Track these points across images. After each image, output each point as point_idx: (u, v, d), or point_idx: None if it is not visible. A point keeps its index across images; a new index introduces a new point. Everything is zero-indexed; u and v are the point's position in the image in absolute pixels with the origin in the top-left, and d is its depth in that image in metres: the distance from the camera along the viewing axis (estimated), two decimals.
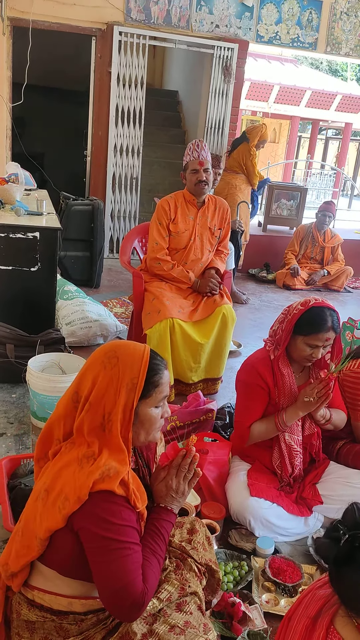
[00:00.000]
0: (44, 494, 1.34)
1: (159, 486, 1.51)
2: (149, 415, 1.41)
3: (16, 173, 4.27)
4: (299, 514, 2.25)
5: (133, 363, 1.37)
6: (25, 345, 3.21)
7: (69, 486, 1.29)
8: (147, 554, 1.37)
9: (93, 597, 1.37)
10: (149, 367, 1.38)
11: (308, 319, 2.17)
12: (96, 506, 1.27)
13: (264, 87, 13.44)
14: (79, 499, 1.26)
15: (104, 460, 1.31)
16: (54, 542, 1.32)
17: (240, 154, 5.88)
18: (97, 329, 3.87)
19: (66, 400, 1.41)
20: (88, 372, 1.39)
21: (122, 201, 6.49)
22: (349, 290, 6.49)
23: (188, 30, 6.13)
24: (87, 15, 5.79)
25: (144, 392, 1.37)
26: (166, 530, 1.45)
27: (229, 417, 2.91)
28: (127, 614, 1.29)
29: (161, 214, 3.33)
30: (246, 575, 2.00)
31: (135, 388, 1.35)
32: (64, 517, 1.28)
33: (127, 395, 1.35)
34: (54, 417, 1.42)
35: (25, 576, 1.39)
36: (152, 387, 1.39)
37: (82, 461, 1.32)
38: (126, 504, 1.32)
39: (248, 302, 5.59)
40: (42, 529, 1.31)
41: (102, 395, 1.35)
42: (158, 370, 1.41)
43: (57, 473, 1.34)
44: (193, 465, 1.51)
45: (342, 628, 1.06)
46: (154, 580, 1.34)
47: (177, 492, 1.49)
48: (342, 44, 6.70)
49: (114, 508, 1.29)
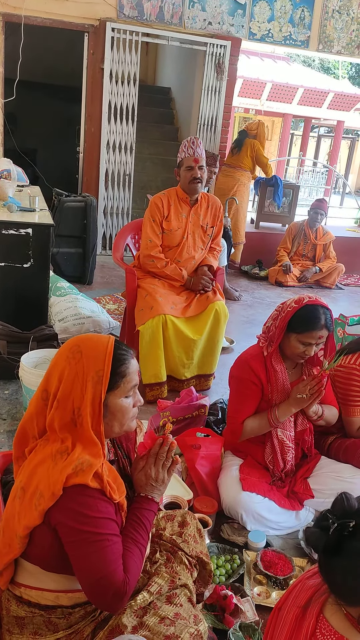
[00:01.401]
0: (20, 492, 1.34)
1: (139, 475, 1.52)
2: (120, 405, 1.40)
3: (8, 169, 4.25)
4: (291, 508, 2.27)
5: (97, 356, 1.36)
6: (18, 342, 3.21)
7: (44, 482, 1.29)
8: (129, 544, 1.37)
9: (79, 590, 1.38)
10: (114, 357, 1.37)
11: (302, 317, 2.18)
12: (71, 500, 1.28)
13: (257, 84, 13.44)
14: (53, 494, 1.27)
15: (77, 455, 1.31)
16: (34, 538, 1.33)
17: (250, 148, 6.07)
18: (90, 326, 3.87)
19: (37, 398, 1.40)
20: (54, 369, 1.38)
21: (115, 198, 6.48)
22: (340, 287, 6.52)
23: (181, 27, 6.12)
24: (79, 11, 5.77)
25: (111, 383, 1.36)
26: (147, 519, 1.46)
27: (221, 413, 2.92)
28: (110, 604, 1.30)
29: (154, 210, 3.33)
30: (238, 569, 2.02)
31: (101, 381, 1.35)
32: (40, 513, 1.28)
33: (93, 389, 1.34)
34: (26, 416, 1.42)
35: (10, 574, 1.39)
36: (119, 378, 1.38)
37: (56, 457, 1.32)
38: (102, 496, 1.33)
39: (240, 299, 5.60)
40: (20, 527, 1.32)
41: (70, 391, 1.34)
42: (124, 360, 1.40)
43: (32, 470, 1.34)
44: (171, 452, 1.52)
45: (331, 616, 1.07)
46: (135, 569, 1.35)
47: (157, 481, 1.50)
48: (334, 41, 6.71)
49: (89, 501, 1.30)
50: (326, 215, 6.56)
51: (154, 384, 3.19)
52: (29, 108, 8.36)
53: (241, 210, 6.18)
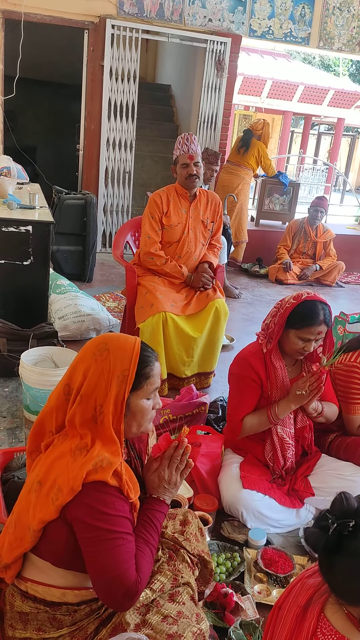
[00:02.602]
0: (37, 485, 1.34)
1: (152, 477, 1.52)
2: (140, 406, 1.41)
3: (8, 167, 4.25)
4: (291, 506, 2.27)
5: (124, 355, 1.37)
6: (18, 339, 3.21)
7: (62, 477, 1.29)
8: (140, 544, 1.38)
9: (86, 587, 1.38)
10: (140, 359, 1.38)
11: (300, 313, 2.18)
12: (89, 497, 1.28)
13: (257, 81, 13.42)
14: (72, 489, 1.27)
15: (97, 452, 1.31)
16: (47, 533, 1.33)
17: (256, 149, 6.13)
18: (90, 323, 3.87)
19: (58, 392, 1.41)
20: (79, 365, 1.39)
21: (115, 195, 6.47)
22: (340, 285, 6.52)
23: (181, 24, 6.10)
24: (79, 8, 5.76)
25: (135, 384, 1.38)
26: (159, 520, 1.46)
27: (221, 411, 2.92)
28: (121, 603, 1.30)
29: (153, 207, 3.33)
30: (238, 567, 2.02)
31: (126, 380, 1.36)
32: (57, 508, 1.28)
33: (118, 387, 1.35)
34: (46, 410, 1.42)
35: (18, 568, 1.39)
36: (143, 379, 1.40)
37: (75, 453, 1.32)
38: (119, 495, 1.33)
39: (240, 297, 5.60)
40: (35, 521, 1.31)
41: (94, 388, 1.35)
42: (149, 362, 1.41)
43: (51, 465, 1.34)
44: (185, 456, 1.52)
45: (332, 616, 1.07)
46: (147, 569, 1.35)
47: (169, 483, 1.50)
48: (335, 39, 6.70)
49: (107, 499, 1.30)
50: (326, 213, 6.55)
51: None
52: (28, 105, 8.37)
53: (244, 208, 6.18)
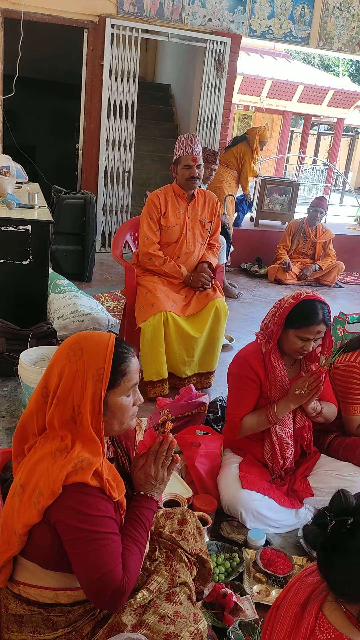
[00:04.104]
0: (19, 489, 1.33)
1: (138, 474, 1.51)
2: (120, 404, 1.39)
3: (8, 166, 4.24)
4: (290, 506, 2.26)
5: (98, 353, 1.35)
6: (17, 339, 3.20)
7: (43, 480, 1.28)
8: (128, 542, 1.37)
9: (78, 588, 1.37)
10: (115, 356, 1.36)
11: (299, 312, 2.18)
12: (71, 499, 1.27)
13: (257, 81, 13.43)
14: (52, 492, 1.26)
15: (77, 453, 1.30)
16: (33, 536, 1.32)
17: (239, 151, 5.98)
18: (89, 323, 3.87)
19: (36, 395, 1.39)
20: (54, 366, 1.37)
21: (114, 195, 6.47)
22: (340, 285, 6.52)
23: (181, 24, 6.10)
24: (79, 7, 5.76)
25: (111, 381, 1.36)
26: (147, 517, 1.45)
27: (221, 411, 2.92)
28: (109, 603, 1.30)
29: (151, 208, 3.33)
30: (237, 567, 2.02)
31: (101, 379, 1.34)
32: (39, 511, 1.28)
33: (94, 387, 1.33)
34: (26, 413, 1.41)
35: (9, 572, 1.39)
36: (120, 376, 1.38)
37: (56, 455, 1.31)
38: (101, 495, 1.32)
39: (240, 297, 5.60)
40: (19, 525, 1.31)
41: (70, 389, 1.33)
42: (125, 359, 1.39)
43: (32, 468, 1.33)
44: (170, 451, 1.51)
45: (330, 614, 1.07)
46: (135, 568, 1.35)
47: (156, 479, 1.50)
48: (335, 39, 6.69)
49: (89, 499, 1.29)
50: (326, 213, 6.54)
51: (156, 381, 3.18)
52: (28, 105, 8.36)
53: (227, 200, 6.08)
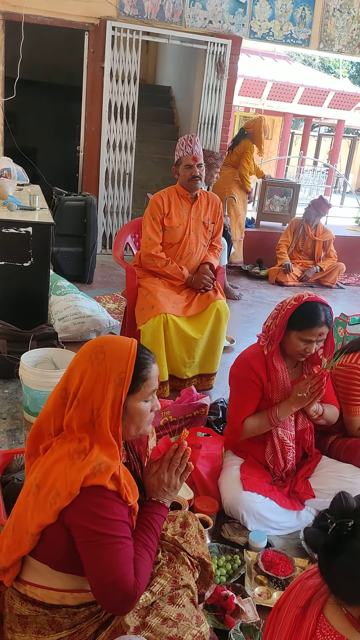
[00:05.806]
0: (35, 489, 1.33)
1: (151, 480, 1.51)
2: (138, 409, 1.40)
3: (9, 168, 4.24)
4: (292, 508, 2.26)
5: (120, 358, 1.36)
6: (18, 341, 3.20)
7: (60, 481, 1.29)
8: (139, 548, 1.37)
9: (85, 590, 1.37)
10: (137, 361, 1.38)
11: (301, 314, 2.18)
12: (87, 501, 1.27)
13: (257, 83, 13.45)
14: (70, 494, 1.26)
15: (95, 455, 1.31)
16: (46, 537, 1.32)
17: (242, 148, 6.05)
18: (90, 325, 3.87)
19: (55, 396, 1.40)
20: (76, 368, 1.38)
21: (115, 197, 6.47)
22: (341, 286, 6.51)
23: (181, 26, 6.11)
24: (80, 9, 5.76)
25: (132, 386, 1.37)
26: (158, 523, 1.45)
27: (222, 412, 2.92)
28: (119, 607, 1.30)
29: (154, 209, 3.33)
30: (239, 569, 2.02)
31: (123, 383, 1.35)
32: (55, 512, 1.28)
33: (115, 391, 1.34)
34: (43, 414, 1.42)
35: (17, 571, 1.39)
36: (140, 382, 1.39)
37: (74, 456, 1.32)
38: (117, 499, 1.32)
39: (241, 298, 5.59)
40: (33, 524, 1.31)
41: (90, 391, 1.34)
42: (146, 364, 1.41)
43: (49, 468, 1.33)
44: (185, 459, 1.51)
45: (331, 616, 1.06)
46: (145, 573, 1.34)
47: (169, 486, 1.50)
48: (335, 40, 6.70)
49: (106, 503, 1.29)
50: (323, 214, 6.52)
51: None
52: (29, 107, 8.36)
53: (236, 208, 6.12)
